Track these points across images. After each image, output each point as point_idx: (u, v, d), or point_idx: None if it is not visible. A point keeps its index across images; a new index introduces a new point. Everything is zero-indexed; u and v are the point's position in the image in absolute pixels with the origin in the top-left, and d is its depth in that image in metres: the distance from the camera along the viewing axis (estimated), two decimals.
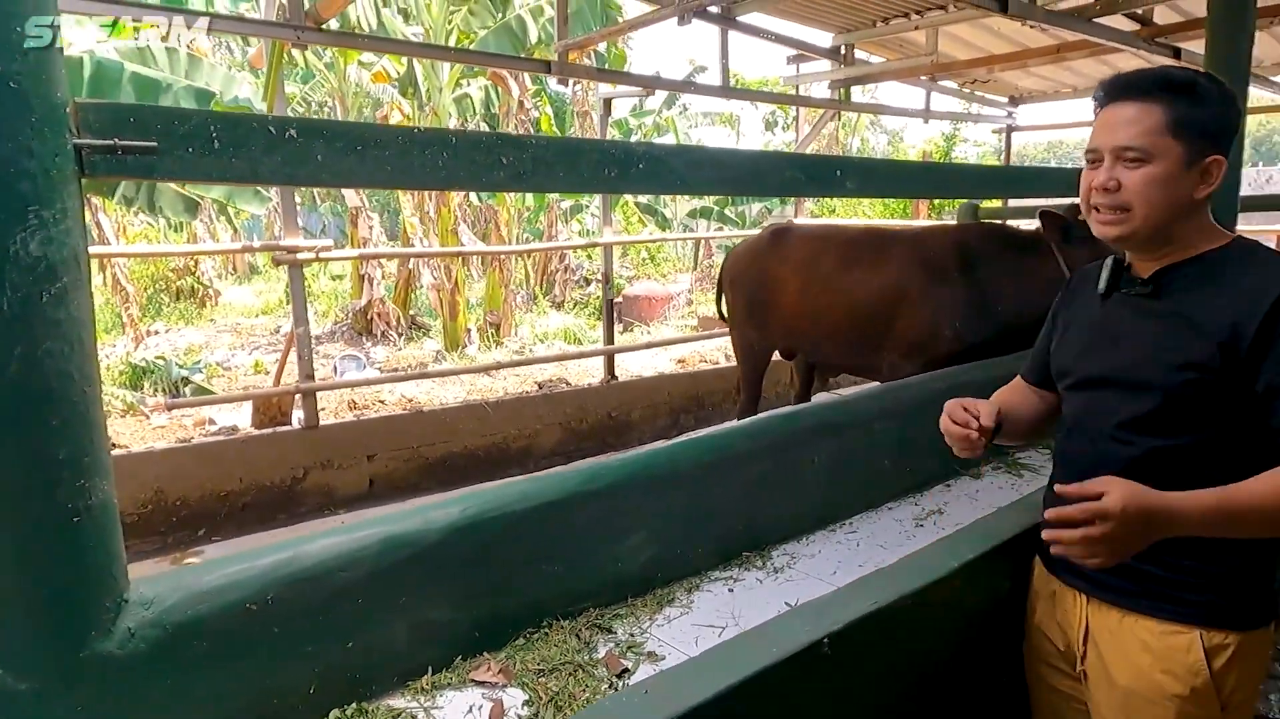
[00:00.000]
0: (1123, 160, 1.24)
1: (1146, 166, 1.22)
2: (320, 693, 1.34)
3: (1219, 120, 1.23)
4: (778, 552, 1.99)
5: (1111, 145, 1.25)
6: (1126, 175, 1.24)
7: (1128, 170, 1.24)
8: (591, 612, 1.66)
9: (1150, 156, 1.22)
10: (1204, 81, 1.25)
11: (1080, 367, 1.41)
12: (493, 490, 1.55)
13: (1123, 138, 1.24)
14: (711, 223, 15.18)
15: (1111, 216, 1.27)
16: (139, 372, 7.34)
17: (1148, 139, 1.22)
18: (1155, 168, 1.22)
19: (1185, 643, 1.26)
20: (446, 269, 9.01)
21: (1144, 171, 1.22)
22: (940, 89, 7.23)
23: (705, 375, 6.36)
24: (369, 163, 1.33)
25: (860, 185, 2.11)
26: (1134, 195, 1.23)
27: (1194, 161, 1.22)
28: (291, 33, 3.69)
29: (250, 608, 1.25)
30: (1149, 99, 1.23)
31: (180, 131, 1.16)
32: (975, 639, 1.64)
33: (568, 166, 1.58)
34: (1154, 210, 1.23)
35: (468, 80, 11.02)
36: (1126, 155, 1.24)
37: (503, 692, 1.42)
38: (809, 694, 1.26)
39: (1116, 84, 1.29)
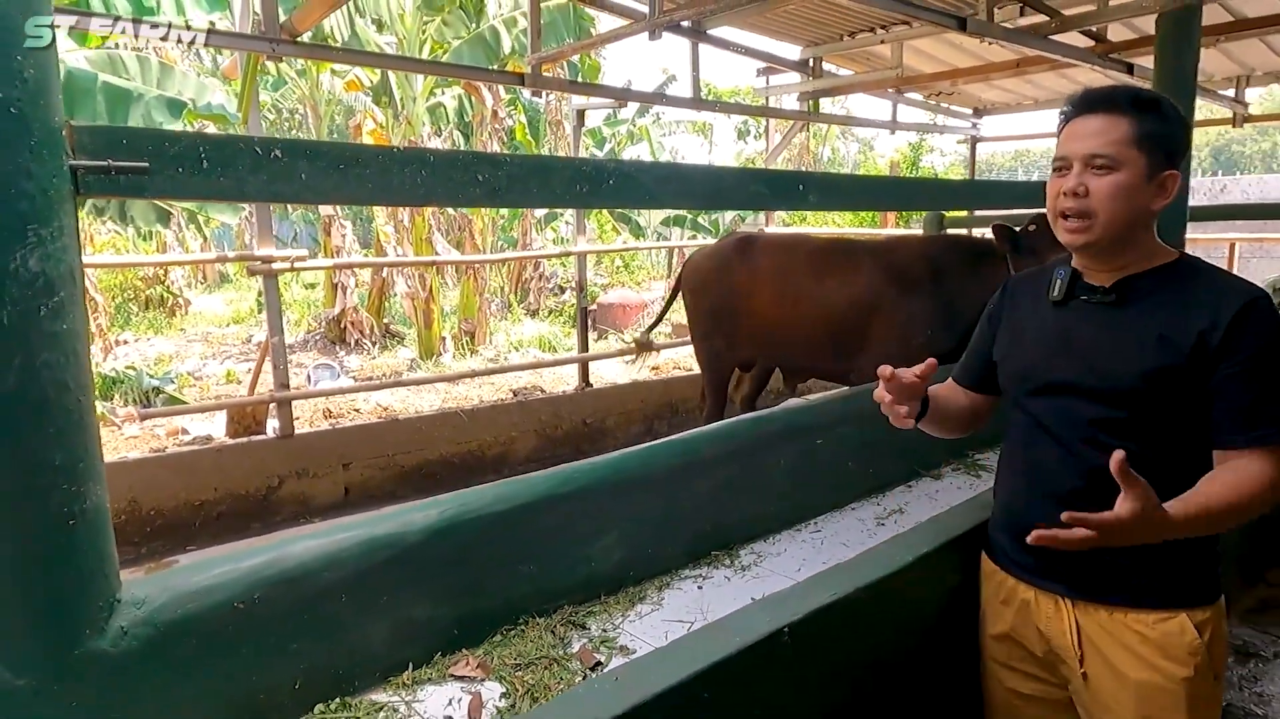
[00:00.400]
0: (1091, 168, 1.33)
1: (1114, 174, 1.31)
2: (305, 689, 1.39)
3: (1176, 138, 1.34)
4: (745, 551, 2.07)
5: (1082, 153, 1.34)
6: (1094, 182, 1.32)
7: (1096, 177, 1.32)
8: (566, 609, 1.72)
9: (1118, 165, 1.31)
10: (1166, 102, 1.36)
11: (1043, 372, 1.46)
12: (469, 493, 1.61)
13: (1093, 146, 1.33)
14: (685, 231, 15.31)
15: (1078, 224, 1.35)
16: (109, 382, 7.27)
17: (1116, 148, 1.31)
18: (1121, 176, 1.31)
19: (1177, 627, 1.35)
20: (421, 277, 9.02)
21: (1111, 179, 1.31)
22: (907, 101, 7.40)
23: (678, 382, 6.44)
24: (351, 181, 1.39)
25: (822, 199, 2.20)
26: (1100, 201, 1.32)
27: (1154, 174, 1.32)
28: (267, 45, 3.73)
29: (237, 607, 1.30)
30: (1118, 112, 1.33)
31: (170, 152, 1.22)
32: (928, 628, 1.73)
33: (541, 183, 1.65)
34: (1117, 217, 1.32)
35: (442, 89, 11.06)
36: (1095, 163, 1.32)
37: (481, 685, 1.48)
38: (771, 680, 1.33)
39: (1088, 98, 1.38)
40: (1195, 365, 1.29)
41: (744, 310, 4.08)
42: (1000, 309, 1.66)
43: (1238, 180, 9.93)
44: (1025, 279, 1.66)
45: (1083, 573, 1.41)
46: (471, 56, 8.19)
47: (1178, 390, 1.31)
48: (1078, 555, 1.33)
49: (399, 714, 1.40)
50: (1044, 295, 1.52)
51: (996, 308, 1.68)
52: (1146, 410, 1.33)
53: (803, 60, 6.41)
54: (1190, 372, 1.29)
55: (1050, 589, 1.47)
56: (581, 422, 5.85)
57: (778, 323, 3.97)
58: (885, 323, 3.66)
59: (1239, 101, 6.54)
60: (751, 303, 4.04)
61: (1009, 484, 1.59)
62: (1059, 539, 1.19)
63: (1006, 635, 1.56)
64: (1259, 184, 9.64)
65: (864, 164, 18.43)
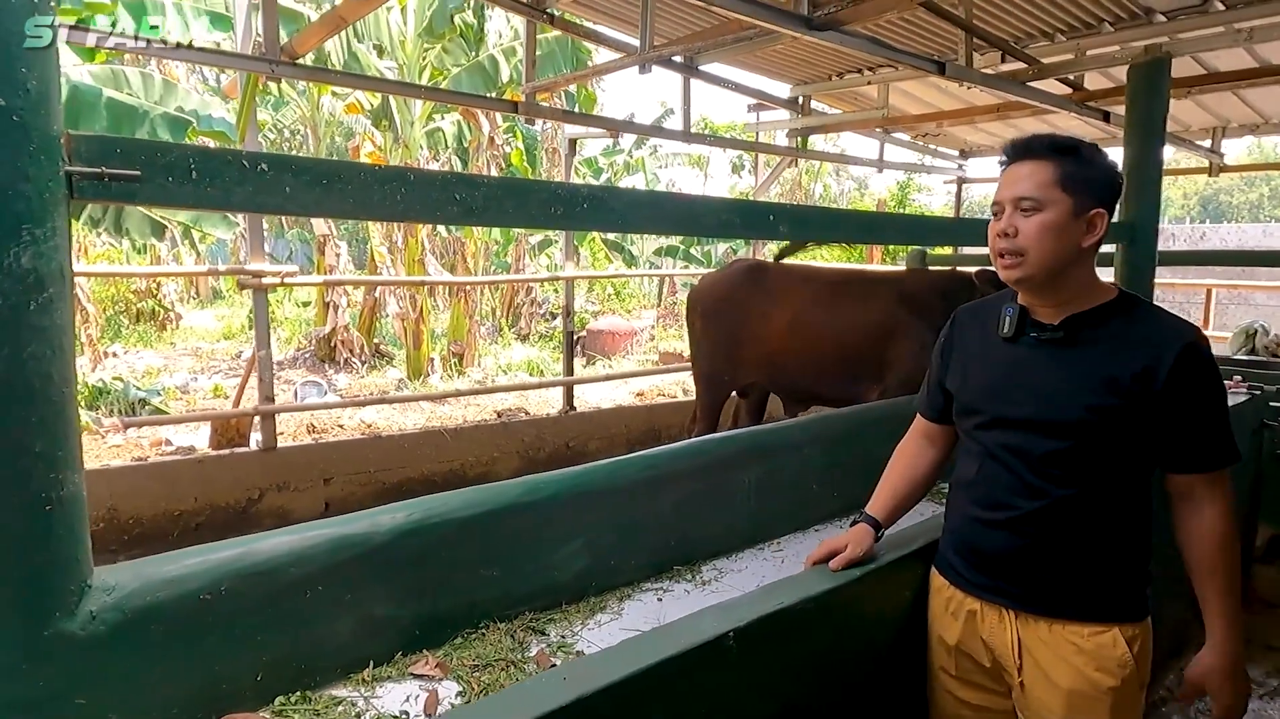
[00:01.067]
0: (1020, 209, 1.44)
1: (1039, 214, 1.42)
2: (268, 680, 1.44)
3: (1100, 180, 1.45)
4: (707, 566, 2.13)
5: (1010, 196, 1.46)
6: (1023, 222, 1.43)
7: (1024, 218, 1.43)
8: (527, 615, 1.77)
9: (1043, 205, 1.42)
10: (1085, 147, 1.47)
11: (995, 406, 1.55)
12: (438, 498, 1.67)
13: (1019, 189, 1.44)
14: (677, 261, 15.49)
15: (1011, 261, 1.46)
16: (95, 392, 7.29)
17: (1040, 190, 1.42)
18: (1047, 215, 1.42)
19: (1110, 640, 1.45)
20: (411, 298, 9.10)
21: (1038, 219, 1.42)
22: (894, 140, 7.58)
23: (662, 409, 6.51)
24: (333, 195, 1.47)
25: (792, 230, 2.29)
26: (1029, 240, 1.43)
27: (1080, 213, 1.42)
28: (266, 66, 3.84)
29: (205, 598, 1.35)
30: (1041, 158, 1.45)
31: (162, 163, 1.29)
32: (875, 640, 1.78)
33: (517, 203, 1.73)
34: (1045, 254, 1.42)
35: (441, 115, 11.23)
36: (1023, 205, 1.44)
37: (439, 684, 1.53)
38: (714, 683, 1.39)
39: (1016, 147, 1.50)
40: (1139, 402, 1.40)
41: (753, 336, 4.19)
42: (950, 340, 1.75)
43: (1217, 229, 10.14)
44: (971, 311, 1.76)
45: (1027, 588, 1.51)
46: (470, 84, 8.36)
47: (1122, 424, 1.42)
48: (1024, 571, 1.49)
49: (357, 709, 1.44)
50: (991, 329, 1.61)
51: (947, 339, 1.77)
52: (1094, 442, 1.43)
53: (792, 98, 6.59)
54: (1134, 408, 1.40)
55: (996, 602, 1.55)
56: (564, 444, 5.91)
57: (788, 349, 4.09)
58: (899, 351, 3.77)
59: (1215, 152, 6.72)
60: (762, 329, 4.15)
61: (961, 508, 1.67)
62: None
63: (955, 647, 1.64)
64: (1238, 232, 9.85)
65: (854, 201, 18.71)
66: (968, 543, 1.62)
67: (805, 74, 6.35)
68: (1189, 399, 1.40)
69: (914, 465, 1.84)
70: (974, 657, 1.61)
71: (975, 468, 1.60)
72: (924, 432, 1.86)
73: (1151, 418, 1.41)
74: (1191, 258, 5.76)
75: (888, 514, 1.80)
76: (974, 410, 1.60)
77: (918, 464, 1.84)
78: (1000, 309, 1.59)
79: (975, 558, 1.59)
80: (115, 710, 1.28)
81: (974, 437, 1.61)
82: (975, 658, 1.61)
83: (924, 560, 1.82)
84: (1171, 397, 1.39)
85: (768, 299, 4.17)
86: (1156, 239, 4.12)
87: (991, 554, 1.56)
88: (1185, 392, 1.39)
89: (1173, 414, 1.40)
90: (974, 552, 1.60)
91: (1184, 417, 1.41)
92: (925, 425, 1.85)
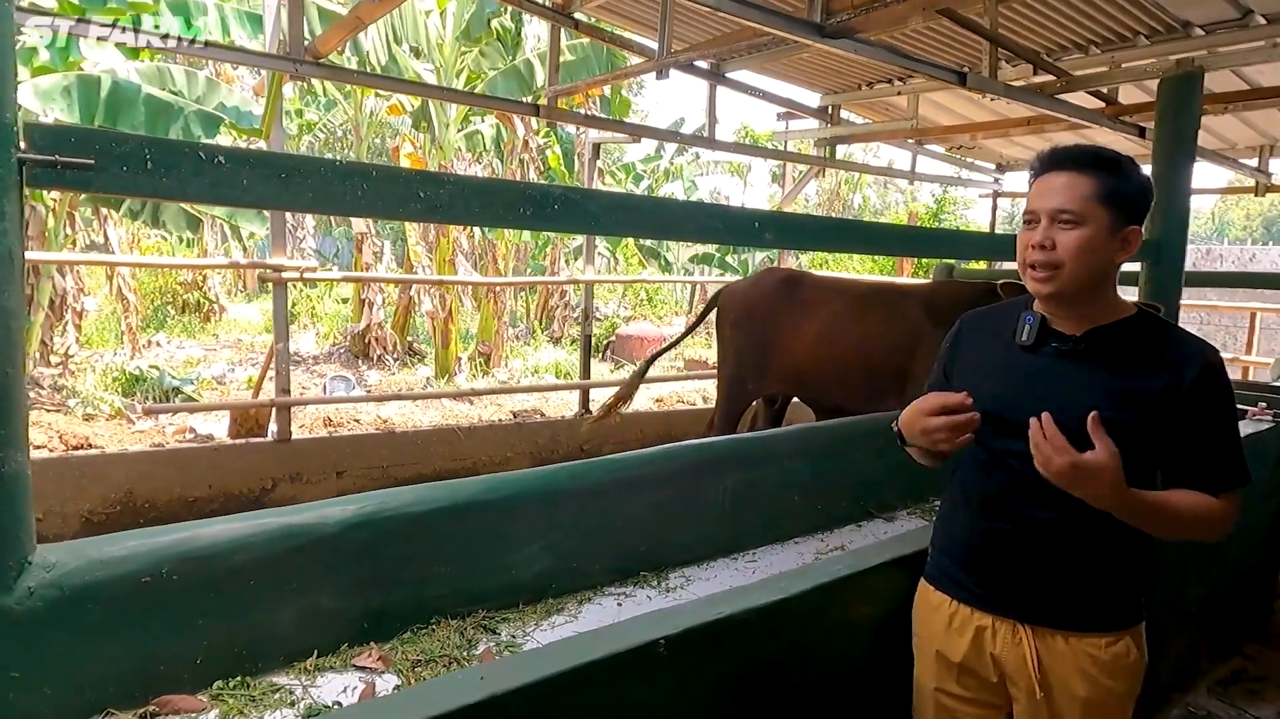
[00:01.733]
0: (1058, 222, 1.41)
1: (1079, 229, 1.39)
2: (207, 665, 1.46)
3: (1137, 196, 1.42)
4: (676, 574, 2.10)
5: (1049, 208, 1.42)
6: (1061, 236, 1.41)
7: (1062, 231, 1.41)
8: (480, 613, 1.77)
9: (1083, 220, 1.39)
10: (1126, 162, 1.45)
11: (1013, 411, 1.50)
12: (391, 492, 1.68)
13: (1059, 201, 1.41)
14: (712, 269, 15.45)
15: (1045, 274, 1.43)
16: (132, 379, 7.52)
17: (1081, 204, 1.39)
18: (1086, 230, 1.39)
19: (1124, 648, 1.48)
20: (441, 298, 9.22)
21: (1077, 233, 1.39)
22: (927, 153, 7.47)
23: (679, 416, 6.49)
24: (292, 189, 1.49)
25: (778, 237, 2.26)
26: (1066, 254, 1.40)
27: (1117, 229, 1.40)
28: (290, 65, 3.92)
29: (145, 580, 1.38)
30: (1082, 170, 1.41)
31: (117, 152, 1.33)
32: (833, 657, 1.74)
33: (483, 203, 1.74)
34: (1081, 269, 1.40)
35: (480, 118, 11.37)
36: (1062, 218, 1.41)
37: (379, 677, 1.53)
38: (642, 692, 1.37)
39: (1055, 156, 1.47)
40: (1158, 417, 1.40)
41: (782, 346, 4.18)
42: (958, 345, 1.72)
43: (1268, 250, 9.77)
44: (981, 318, 1.73)
45: (1043, 601, 1.51)
46: (506, 88, 8.44)
47: (1140, 438, 1.41)
48: (1034, 586, 1.49)
49: (294, 697, 1.46)
50: (1007, 336, 1.58)
51: (951, 345, 1.74)
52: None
53: (821, 107, 6.53)
54: (1152, 422, 1.40)
55: (1009, 616, 1.53)
56: (578, 448, 5.92)
57: (816, 361, 4.08)
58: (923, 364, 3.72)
59: (1262, 171, 6.49)
60: (792, 339, 4.14)
61: (963, 519, 1.63)
62: (1041, 445, 1.33)
63: (960, 664, 1.59)
64: None
65: (888, 214, 18.43)
66: (976, 556, 1.58)
67: (835, 83, 6.29)
68: (1206, 417, 1.41)
69: None
70: (979, 673, 1.57)
71: (984, 476, 1.58)
72: None
73: (1168, 433, 1.41)
74: (1220, 279, 5.57)
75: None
76: (988, 416, 1.54)
77: None
78: (1015, 317, 1.57)
79: (985, 571, 1.56)
80: (50, 685, 1.31)
81: (985, 444, 1.56)
82: (981, 674, 1.57)
83: (886, 576, 1.78)
84: (1190, 413, 1.40)
85: (799, 310, 4.17)
86: (1184, 258, 3.99)
87: (1003, 567, 1.53)
88: (1203, 409, 1.40)
89: (1189, 431, 1.41)
90: (984, 565, 1.57)
91: (1199, 435, 1.41)
92: None
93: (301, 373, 9.68)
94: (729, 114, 37.32)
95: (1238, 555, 3.36)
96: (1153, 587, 1.70)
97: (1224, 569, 3.24)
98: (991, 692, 1.57)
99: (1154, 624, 1.56)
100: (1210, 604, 3.20)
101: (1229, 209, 42.01)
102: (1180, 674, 3.09)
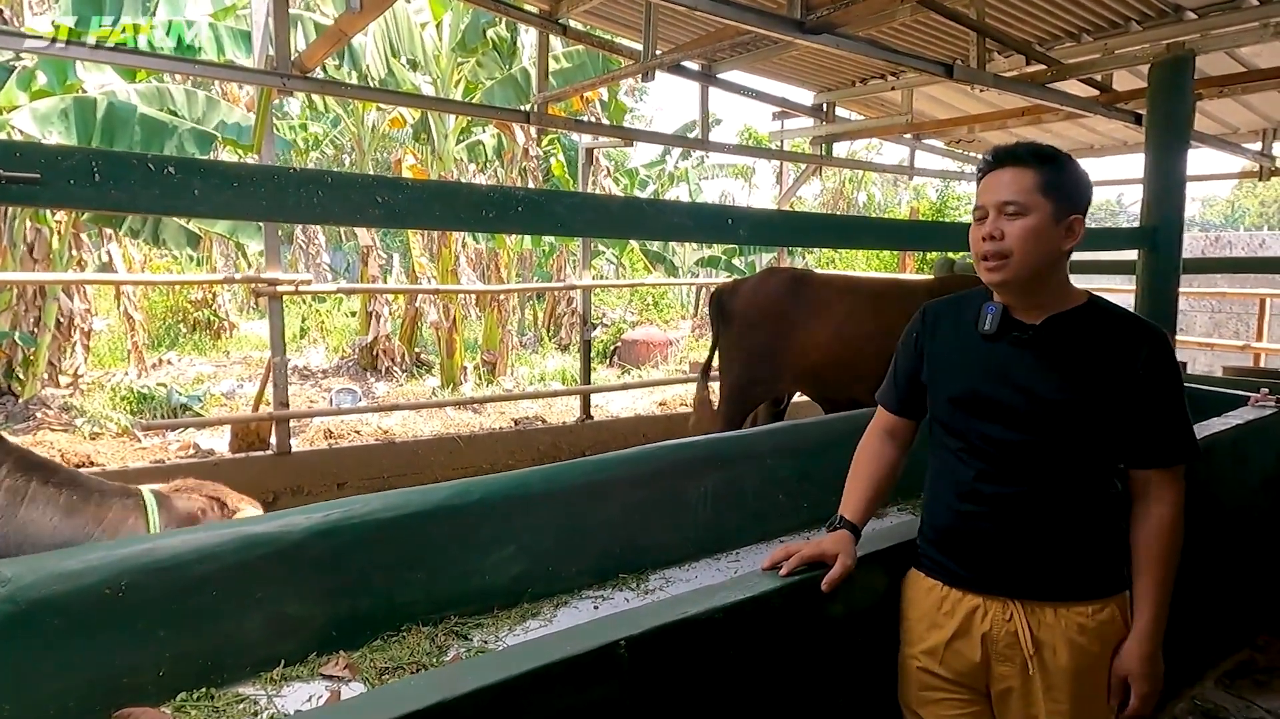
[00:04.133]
0: (1004, 214, 1.48)
1: (1024, 218, 1.46)
2: (170, 676, 1.45)
3: (1074, 187, 1.50)
4: (656, 575, 2.09)
5: (995, 201, 1.49)
6: (1008, 226, 1.47)
7: (1009, 221, 1.47)
8: (452, 619, 1.76)
9: (1027, 209, 1.46)
10: (1064, 157, 1.52)
11: (981, 398, 1.57)
12: (357, 499, 1.68)
13: (1004, 194, 1.48)
14: (718, 271, 15.41)
15: (996, 263, 1.49)
16: (139, 398, 7.57)
17: (1025, 195, 1.46)
18: (1031, 219, 1.46)
19: (1109, 615, 1.52)
20: (445, 308, 9.24)
21: (1022, 222, 1.46)
22: (926, 147, 7.42)
23: (682, 419, 6.44)
24: (245, 198, 1.49)
25: (753, 233, 2.24)
26: (1015, 242, 1.47)
27: (1060, 218, 1.47)
28: (278, 80, 3.94)
29: (105, 592, 1.38)
30: (1024, 165, 1.48)
31: (63, 165, 1.33)
32: (806, 659, 1.71)
33: (444, 206, 1.73)
34: (1030, 256, 1.47)
35: (480, 128, 11.41)
36: (1008, 209, 1.47)
37: (346, 685, 1.52)
38: (602, 696, 1.35)
39: (998, 154, 1.54)
40: (1115, 397, 1.47)
41: (799, 345, 4.16)
42: (923, 334, 1.74)
43: (1277, 235, 9.62)
44: (943, 307, 1.76)
45: (1026, 577, 1.55)
46: (503, 97, 8.45)
47: (1100, 415, 1.48)
48: (1019, 562, 1.54)
49: (258, 707, 1.45)
50: (968, 326, 1.63)
51: (919, 333, 1.76)
52: (1072, 433, 1.50)
53: (816, 105, 6.50)
54: (1110, 403, 1.48)
55: (997, 595, 1.56)
56: (581, 453, 5.90)
57: (830, 359, 4.07)
58: None
59: (1265, 155, 6.40)
60: (809, 337, 4.13)
61: (943, 506, 1.66)
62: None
63: (947, 644, 1.61)
64: None
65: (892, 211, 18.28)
66: (959, 540, 1.62)
67: (828, 80, 6.26)
68: (1157, 393, 1.48)
69: (879, 465, 1.82)
70: (964, 653, 1.59)
71: (958, 462, 1.62)
72: (885, 426, 1.84)
73: (1125, 412, 1.48)
74: (1219, 265, 5.49)
75: (863, 517, 1.76)
76: (955, 403, 1.62)
77: (882, 463, 1.82)
78: (977, 307, 1.62)
79: (970, 554, 1.60)
80: (7, 700, 1.31)
81: (954, 430, 1.63)
82: (966, 654, 1.58)
83: (863, 570, 1.74)
84: (1143, 390, 1.47)
85: (812, 308, 4.16)
86: (1180, 244, 3.94)
87: (987, 547, 1.57)
88: (1154, 386, 1.48)
89: (1142, 408, 1.48)
90: (968, 548, 1.60)
91: (1152, 411, 1.49)
92: (887, 419, 1.84)
93: (310, 387, 9.72)
94: (732, 115, 37.36)
95: (1246, 545, 3.30)
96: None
97: (1233, 559, 3.18)
98: (973, 673, 1.58)
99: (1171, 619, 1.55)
100: (1219, 595, 3.14)
101: (1244, 196, 41.46)
102: (1187, 667, 3.03)
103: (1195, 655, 3.13)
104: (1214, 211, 42.52)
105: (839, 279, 4.56)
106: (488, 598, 1.84)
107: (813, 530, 2.47)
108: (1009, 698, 1.57)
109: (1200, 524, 2.70)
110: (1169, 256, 3.88)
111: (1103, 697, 1.54)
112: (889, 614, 1.74)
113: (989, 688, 1.60)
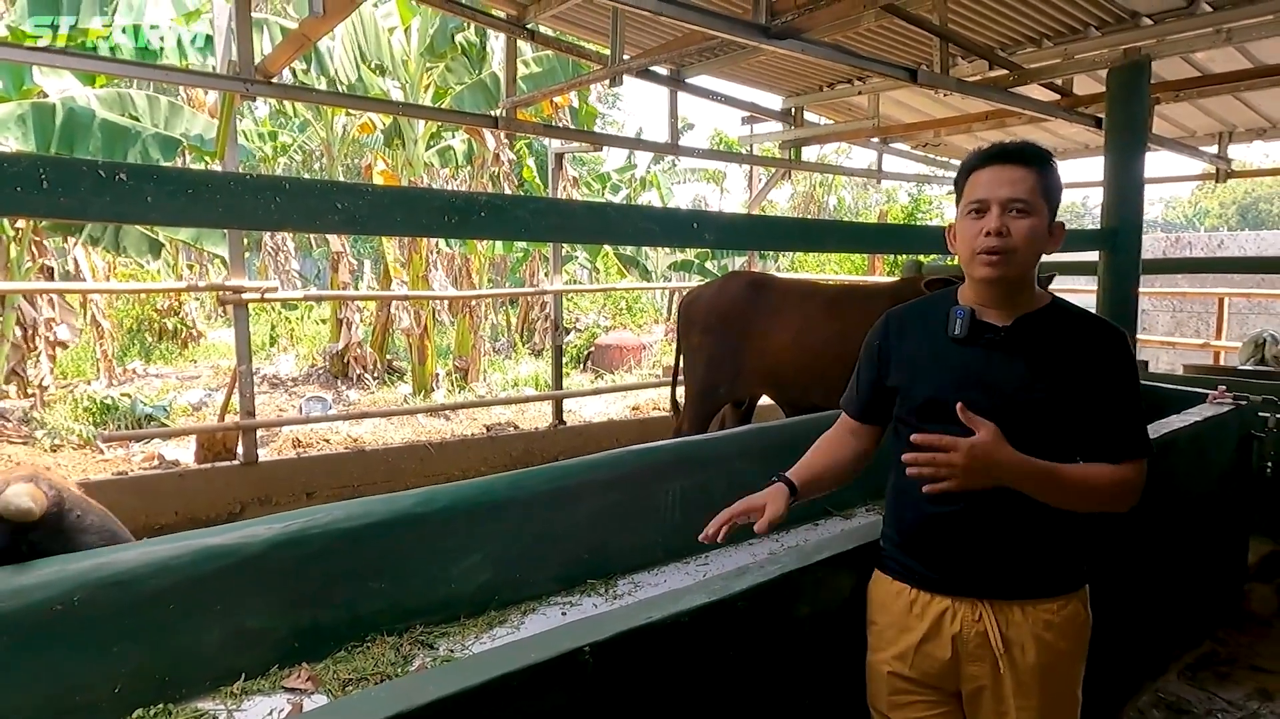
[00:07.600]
0: (1010, 211, 1.48)
1: (1030, 218, 1.47)
2: (126, 692, 1.43)
3: (1060, 193, 1.55)
4: (624, 580, 2.09)
5: (1001, 198, 1.49)
6: (1014, 223, 1.48)
7: (1015, 220, 1.48)
8: (418, 628, 1.75)
9: (1031, 210, 1.48)
10: (1053, 159, 1.55)
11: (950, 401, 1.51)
12: (320, 509, 1.66)
13: (1014, 191, 1.48)
14: (692, 275, 15.45)
15: (999, 258, 1.49)
16: (104, 408, 7.42)
17: (1031, 195, 1.48)
18: (1035, 220, 1.48)
19: (1073, 610, 1.56)
20: (416, 314, 9.17)
21: (1028, 222, 1.47)
22: (894, 151, 7.50)
23: (655, 423, 6.46)
24: (200, 204, 1.47)
25: (719, 237, 2.25)
26: (1021, 240, 1.48)
27: (1050, 222, 1.52)
28: (241, 85, 3.89)
29: (56, 608, 1.35)
30: (1030, 165, 1.50)
31: (9, 173, 1.30)
32: (768, 660, 1.72)
33: (405, 212, 1.72)
34: (1029, 256, 1.49)
35: (450, 133, 11.35)
36: (1016, 206, 1.48)
37: (308, 698, 1.50)
38: (567, 703, 1.34)
39: (1006, 150, 1.53)
40: (1080, 394, 1.50)
41: (758, 348, 4.18)
42: (887, 341, 1.74)
43: (1236, 237, 9.84)
44: (908, 313, 1.76)
45: (994, 577, 1.56)
46: (473, 102, 8.41)
47: (1066, 415, 1.51)
48: (987, 563, 1.56)
49: None
50: (935, 330, 1.62)
51: (883, 340, 1.75)
52: (1042, 432, 1.52)
53: (785, 110, 6.55)
54: (1077, 400, 1.50)
55: (966, 596, 1.57)
56: (553, 458, 5.86)
57: (791, 362, 4.08)
58: None
59: (1221, 158, 6.55)
60: (765, 342, 4.14)
61: (911, 509, 1.65)
62: (918, 461, 1.43)
63: (917, 646, 1.61)
64: (1255, 240, 9.57)
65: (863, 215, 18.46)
66: (928, 542, 1.62)
67: (797, 85, 6.31)
68: (1115, 389, 1.51)
69: (836, 449, 1.84)
70: (934, 654, 1.59)
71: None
72: (849, 429, 1.84)
73: (1087, 408, 1.50)
74: (1176, 266, 5.61)
75: (804, 484, 1.77)
76: (927, 407, 1.60)
77: (840, 451, 1.84)
78: (943, 311, 1.62)
79: (939, 557, 1.60)
80: None
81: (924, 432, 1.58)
82: (936, 655, 1.59)
83: (830, 572, 1.76)
84: (1103, 386, 1.50)
85: (771, 312, 4.17)
86: (1140, 245, 4.02)
87: (956, 549, 1.58)
88: (1113, 382, 1.51)
89: (1102, 403, 1.50)
90: (937, 550, 1.61)
91: (1110, 406, 1.51)
92: (851, 424, 1.83)
93: (280, 395, 9.59)
94: (703, 120, 37.41)
95: (1206, 538, 3.37)
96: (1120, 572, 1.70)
97: (1193, 553, 3.25)
98: (943, 674, 1.59)
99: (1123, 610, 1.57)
100: (1180, 588, 3.20)
101: (1205, 197, 42.32)
102: (1150, 659, 3.09)
103: (1158, 648, 3.18)
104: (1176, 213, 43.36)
105: (799, 283, 4.59)
106: (454, 606, 1.82)
107: (782, 532, 2.49)
108: (980, 698, 1.58)
109: (1161, 518, 2.76)
110: (1129, 257, 3.95)
111: (1072, 693, 1.57)
112: (855, 615, 1.76)
113: (959, 689, 1.60)
